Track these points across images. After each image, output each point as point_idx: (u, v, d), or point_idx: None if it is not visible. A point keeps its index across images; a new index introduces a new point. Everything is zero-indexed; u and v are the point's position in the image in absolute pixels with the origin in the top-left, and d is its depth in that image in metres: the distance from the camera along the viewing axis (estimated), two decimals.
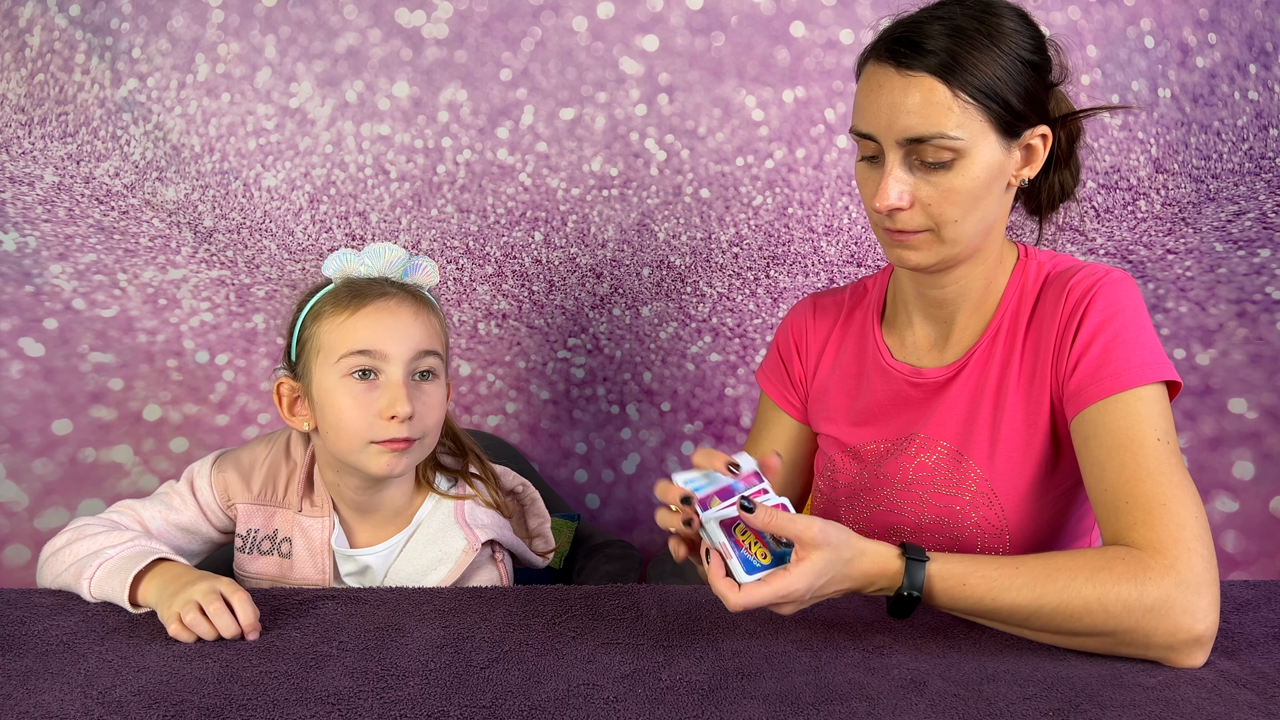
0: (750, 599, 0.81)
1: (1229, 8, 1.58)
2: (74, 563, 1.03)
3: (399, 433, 1.06)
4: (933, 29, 0.93)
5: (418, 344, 1.08)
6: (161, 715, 0.75)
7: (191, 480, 1.17)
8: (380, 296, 1.09)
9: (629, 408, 1.75)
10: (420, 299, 1.13)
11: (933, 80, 0.92)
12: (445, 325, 1.16)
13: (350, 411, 1.06)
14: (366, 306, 1.08)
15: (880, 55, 0.96)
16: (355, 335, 1.07)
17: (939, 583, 0.85)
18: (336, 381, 1.07)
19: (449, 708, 0.76)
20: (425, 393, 1.09)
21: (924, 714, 0.74)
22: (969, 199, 0.95)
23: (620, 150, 1.65)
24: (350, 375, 1.07)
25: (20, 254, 1.64)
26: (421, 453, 1.12)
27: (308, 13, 1.60)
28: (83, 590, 1.00)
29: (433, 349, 1.10)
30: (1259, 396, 1.67)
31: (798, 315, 1.22)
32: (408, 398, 1.06)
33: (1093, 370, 0.95)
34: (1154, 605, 0.81)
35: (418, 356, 1.08)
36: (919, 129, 0.92)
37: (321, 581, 1.14)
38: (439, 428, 1.13)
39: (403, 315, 1.09)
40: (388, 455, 1.07)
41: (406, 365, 1.07)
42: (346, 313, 1.08)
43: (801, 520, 0.82)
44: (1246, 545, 1.68)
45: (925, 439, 1.06)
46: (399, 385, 1.06)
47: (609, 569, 1.41)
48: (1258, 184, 1.63)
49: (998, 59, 0.93)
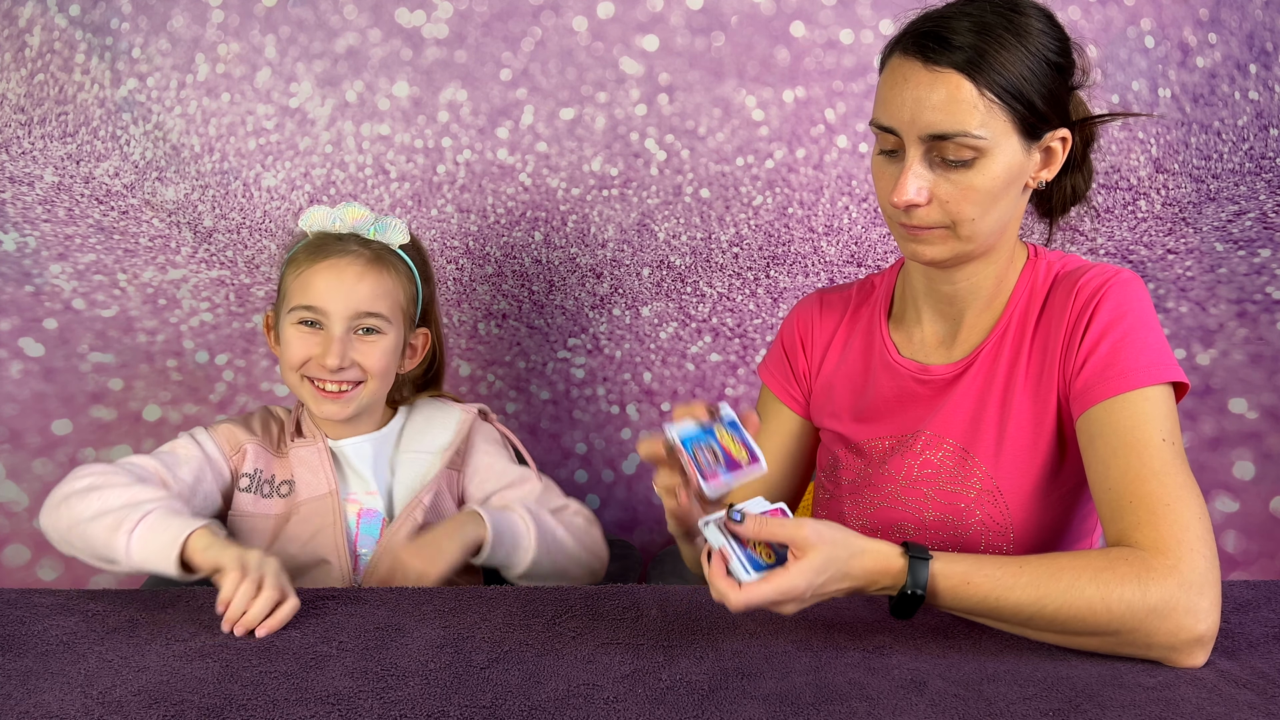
0: (751, 598, 0.81)
1: (1229, 8, 1.58)
2: (106, 512, 1.03)
3: (329, 378, 1.21)
4: (960, 24, 0.92)
5: (358, 305, 1.21)
6: (161, 715, 0.75)
7: (193, 435, 1.25)
8: (336, 254, 1.22)
9: (629, 408, 1.75)
10: (380, 259, 1.24)
11: (959, 77, 0.91)
12: (409, 282, 1.28)
13: (294, 346, 1.22)
14: (320, 264, 1.21)
15: (907, 49, 0.95)
16: (304, 290, 1.21)
17: (943, 581, 0.85)
18: (290, 325, 1.23)
19: (449, 708, 0.76)
20: (365, 344, 1.22)
21: (924, 714, 0.74)
22: (987, 198, 0.95)
23: (620, 150, 1.65)
24: (300, 323, 1.22)
25: (20, 254, 1.64)
26: (369, 397, 1.24)
27: (308, 13, 1.60)
28: (116, 543, 1.01)
29: (375, 310, 1.22)
30: (1259, 396, 1.67)
31: (804, 310, 1.21)
32: (339, 352, 1.19)
33: (1100, 369, 0.95)
34: (1157, 606, 0.81)
35: (358, 316, 1.21)
36: (943, 126, 0.92)
37: (328, 493, 1.23)
38: (385, 376, 1.25)
39: (347, 276, 1.21)
40: (325, 401, 1.22)
41: (346, 322, 1.21)
42: (305, 266, 1.22)
43: (791, 524, 0.82)
44: (1246, 545, 1.68)
45: (931, 436, 1.06)
46: (334, 339, 1.20)
47: (609, 569, 1.42)
48: (1258, 184, 1.63)
49: (1024, 59, 0.92)
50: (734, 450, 0.86)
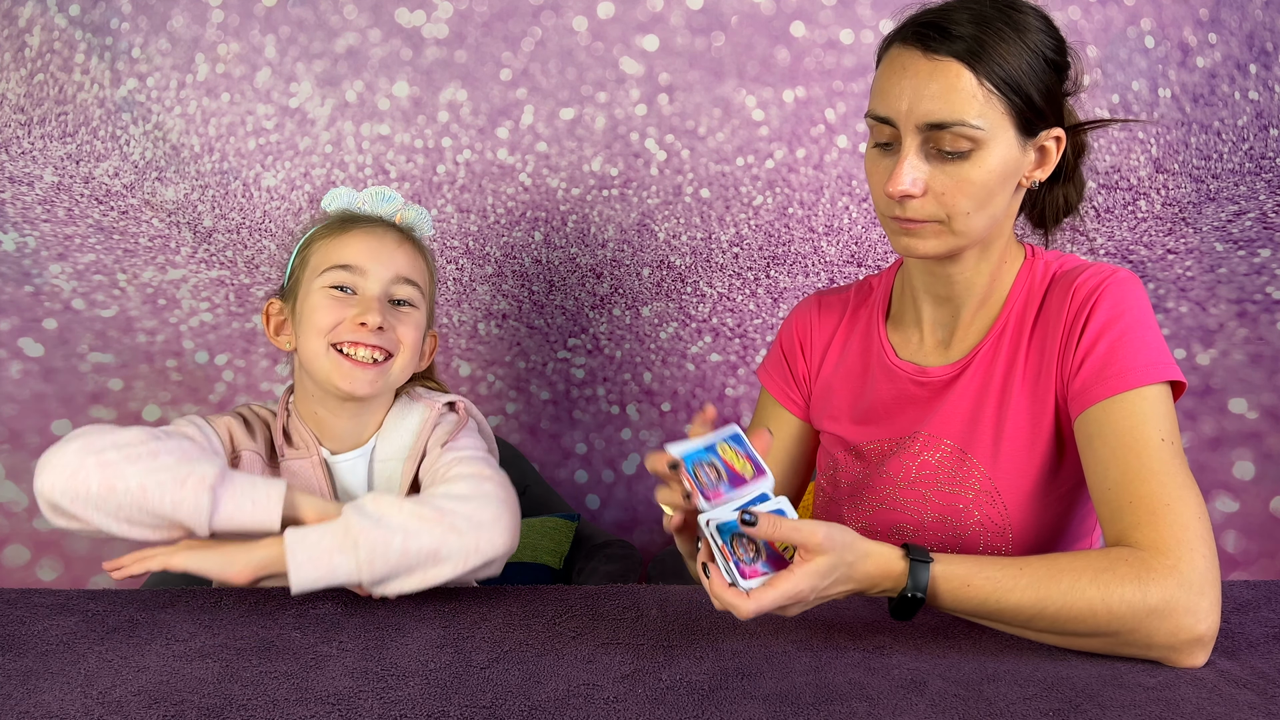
0: (761, 604, 0.81)
1: (1229, 8, 1.58)
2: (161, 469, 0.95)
3: (365, 338, 1.10)
4: (960, 16, 0.93)
5: (398, 268, 1.14)
6: (161, 715, 0.75)
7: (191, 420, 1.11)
8: (369, 224, 1.16)
9: (629, 408, 1.75)
10: (411, 237, 1.19)
11: (959, 66, 0.92)
12: (433, 269, 1.22)
13: (323, 311, 1.11)
14: (354, 230, 1.15)
15: (906, 39, 0.95)
16: (340, 251, 1.13)
17: (943, 583, 0.85)
18: (319, 290, 1.13)
19: (449, 708, 0.76)
20: (400, 314, 1.14)
21: (924, 714, 0.74)
22: (982, 192, 0.95)
23: (620, 150, 1.65)
24: (332, 288, 1.12)
25: (20, 254, 1.64)
26: (398, 374, 1.15)
27: (308, 13, 1.60)
28: (193, 501, 0.94)
29: (413, 278, 1.15)
30: (1259, 396, 1.67)
31: (802, 312, 1.21)
32: (379, 309, 1.11)
33: (1098, 369, 0.95)
34: (1157, 606, 0.81)
35: (397, 280, 1.14)
36: (940, 114, 0.92)
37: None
38: (412, 355, 1.15)
39: (387, 241, 1.15)
40: (356, 371, 1.10)
41: (385, 285, 1.13)
42: (336, 233, 1.15)
43: (806, 526, 0.81)
44: (1246, 545, 1.68)
45: (928, 437, 1.06)
46: (373, 298, 1.12)
47: (609, 569, 1.42)
48: (1258, 184, 1.63)
49: (1023, 53, 0.93)
50: (737, 465, 0.86)
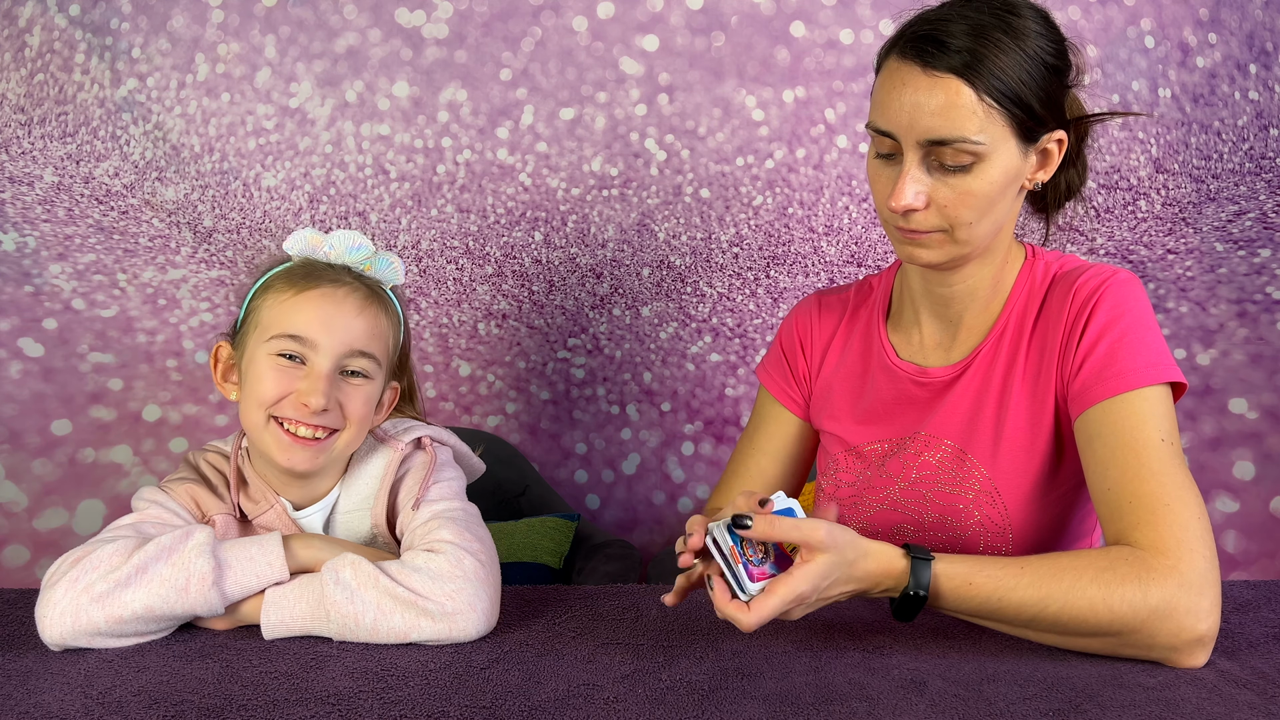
0: (761, 615, 0.80)
1: (1229, 8, 1.58)
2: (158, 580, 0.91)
3: (307, 420, 1.02)
4: (957, 27, 0.92)
5: (352, 341, 1.04)
6: (161, 715, 0.75)
7: (147, 498, 1.05)
8: (329, 284, 1.06)
9: (629, 408, 1.75)
10: (375, 296, 1.08)
11: (958, 82, 0.91)
12: (399, 326, 1.12)
13: (268, 382, 1.02)
14: (311, 291, 1.05)
15: (904, 52, 0.94)
16: (291, 318, 1.04)
17: (945, 582, 0.85)
18: (265, 356, 1.04)
19: (449, 708, 0.76)
20: (350, 387, 1.05)
21: (924, 714, 0.74)
22: (985, 202, 0.95)
23: (620, 150, 1.65)
24: (279, 355, 1.03)
25: (20, 254, 1.64)
26: (342, 449, 1.06)
27: (308, 13, 1.60)
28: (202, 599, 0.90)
29: (368, 350, 1.06)
30: (1259, 396, 1.67)
31: (803, 312, 1.21)
32: (324, 390, 1.02)
33: (1098, 370, 0.95)
34: (1158, 606, 0.81)
35: (349, 354, 1.04)
36: (941, 131, 0.92)
37: None
38: (360, 429, 1.07)
39: (345, 308, 1.05)
40: (295, 449, 1.02)
41: (335, 359, 1.03)
42: (291, 292, 1.05)
43: (807, 525, 0.81)
44: (1246, 545, 1.68)
45: (929, 437, 1.06)
46: (321, 377, 1.02)
47: (609, 569, 1.41)
48: (1258, 184, 1.63)
49: (1022, 62, 0.92)
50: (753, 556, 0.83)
